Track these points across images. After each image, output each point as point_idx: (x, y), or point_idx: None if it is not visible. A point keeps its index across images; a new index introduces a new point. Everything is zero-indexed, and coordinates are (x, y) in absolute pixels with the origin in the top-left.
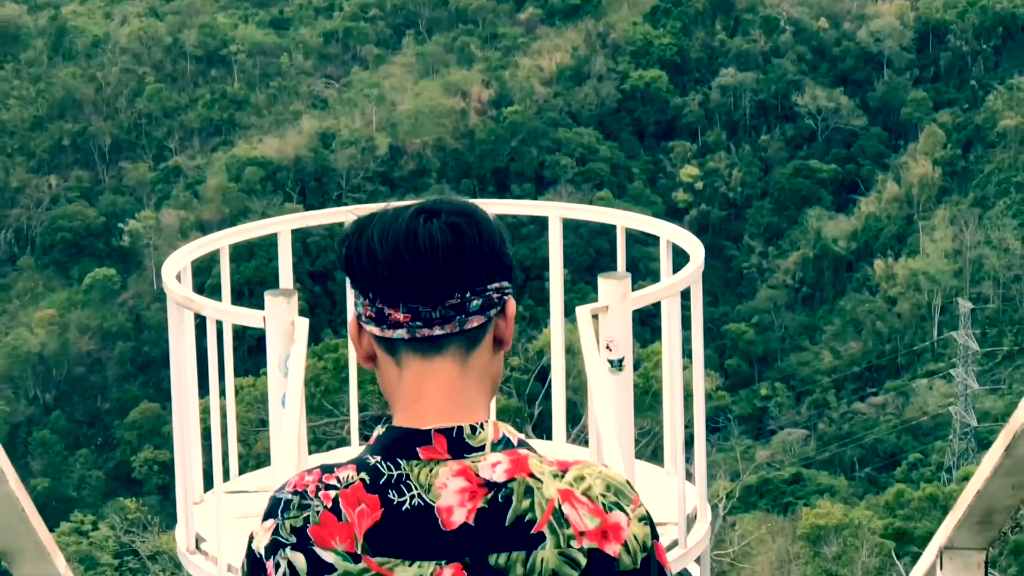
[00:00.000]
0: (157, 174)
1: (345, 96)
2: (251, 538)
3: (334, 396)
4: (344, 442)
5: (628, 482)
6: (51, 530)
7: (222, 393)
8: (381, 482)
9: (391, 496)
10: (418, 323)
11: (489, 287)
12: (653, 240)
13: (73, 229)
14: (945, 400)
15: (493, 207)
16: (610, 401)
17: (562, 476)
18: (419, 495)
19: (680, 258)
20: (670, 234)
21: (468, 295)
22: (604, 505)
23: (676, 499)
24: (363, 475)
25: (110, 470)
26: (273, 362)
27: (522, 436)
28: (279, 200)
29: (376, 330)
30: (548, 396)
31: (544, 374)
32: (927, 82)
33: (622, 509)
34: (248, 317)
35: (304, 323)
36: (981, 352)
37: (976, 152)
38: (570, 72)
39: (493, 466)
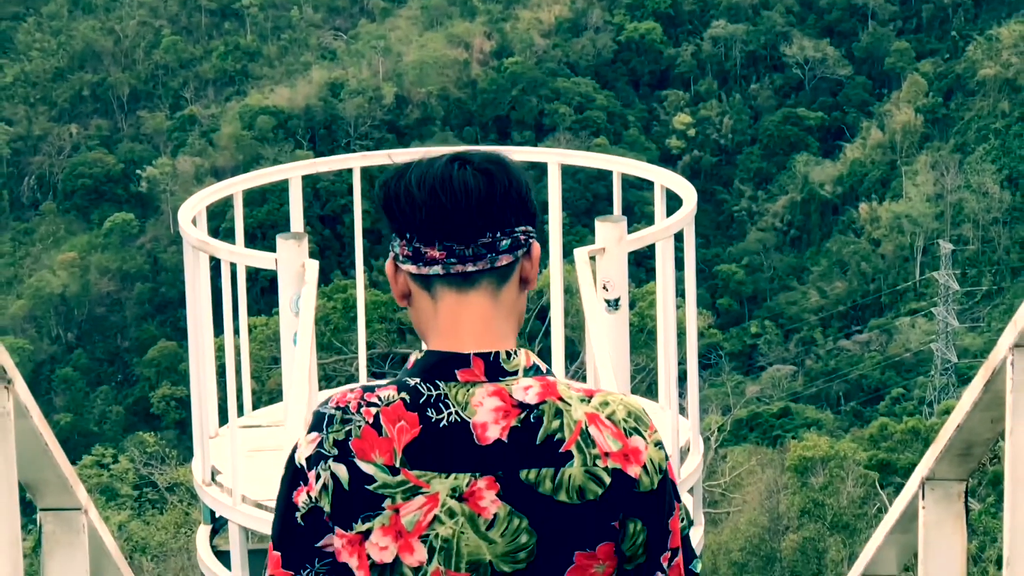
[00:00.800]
0: (173, 123)
1: (353, 48)
2: (294, 449)
3: (343, 334)
4: (353, 378)
5: (644, 410)
6: (73, 463)
7: (236, 332)
8: (420, 401)
9: (429, 414)
10: (452, 260)
11: (517, 229)
12: (648, 185)
13: (93, 175)
14: (927, 337)
15: None
16: (607, 339)
17: (588, 401)
18: (456, 412)
19: (673, 202)
20: (664, 179)
21: (498, 235)
22: (625, 430)
23: (670, 432)
24: (403, 395)
25: (129, 406)
26: (285, 302)
27: (548, 367)
28: (290, 147)
29: (413, 268)
30: (548, 334)
31: (544, 313)
32: (910, 33)
33: (640, 434)
34: (261, 259)
35: (314, 265)
36: (961, 291)
37: (956, 100)
38: (568, 24)
39: (525, 389)
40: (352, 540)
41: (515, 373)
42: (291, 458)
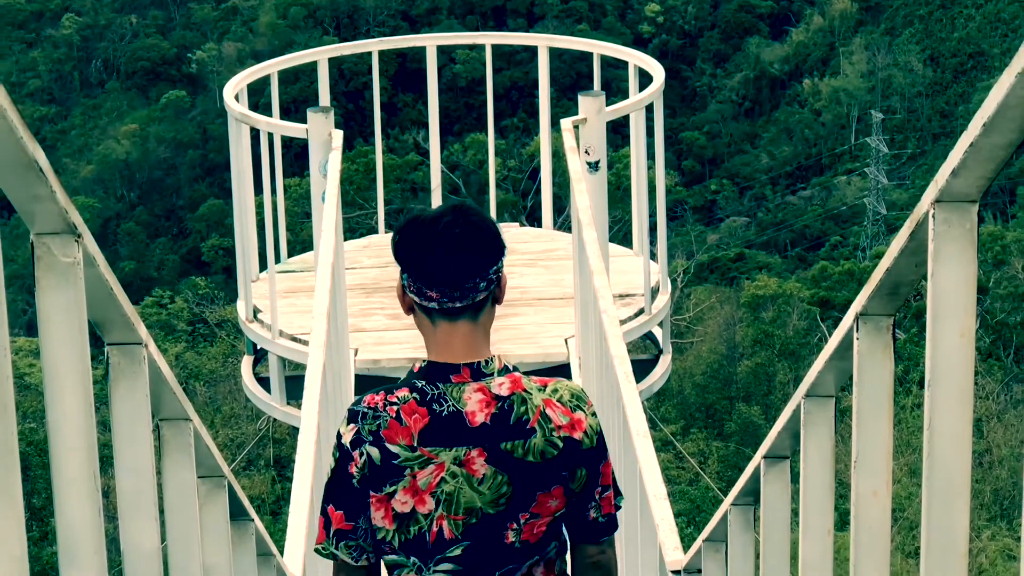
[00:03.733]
0: (219, 13)
1: None
2: (339, 435)
3: (364, 193)
4: (373, 230)
5: (583, 390)
6: (136, 304)
7: (273, 191)
8: (427, 399)
9: (435, 407)
10: (445, 300)
11: (491, 272)
12: (623, 64)
13: (151, 59)
14: (860, 193)
15: (494, 39)
16: (588, 195)
17: (543, 389)
18: (452, 405)
19: (645, 79)
20: (637, 60)
21: (478, 280)
22: (571, 407)
23: (642, 275)
24: (415, 395)
25: (183, 254)
26: (314, 166)
27: (512, 364)
28: (319, 34)
29: (416, 299)
30: (539, 191)
31: (535, 174)
32: None
33: (582, 409)
34: (294, 130)
35: (339, 134)
36: (890, 154)
37: None
38: None
39: (499, 385)
40: (380, 499)
41: (492, 374)
42: (339, 443)
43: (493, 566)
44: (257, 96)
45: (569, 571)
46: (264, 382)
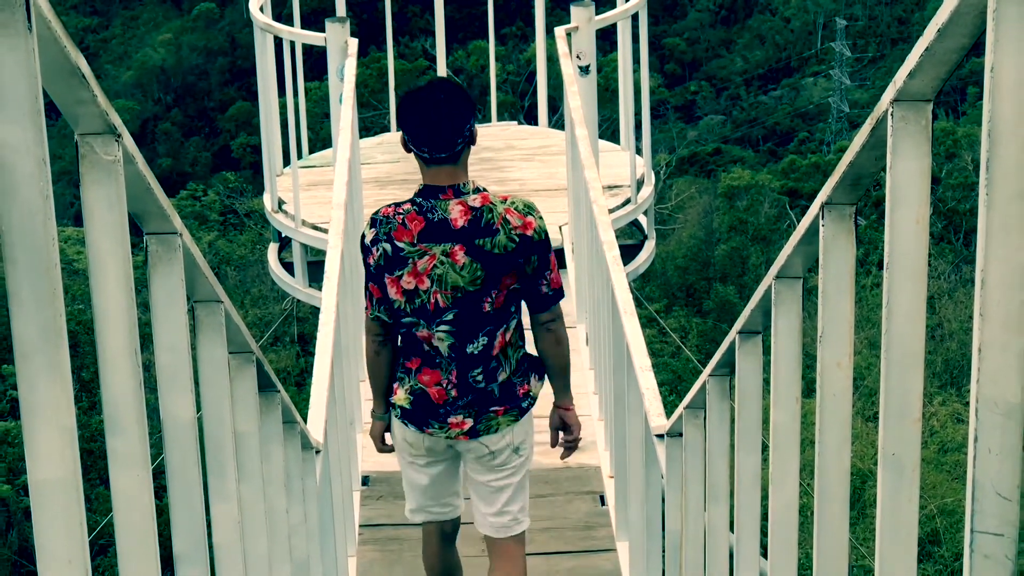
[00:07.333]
0: None
1: None
2: (363, 236)
3: (378, 95)
4: (386, 129)
5: (534, 203)
6: (172, 197)
7: (295, 94)
8: (423, 210)
9: (429, 216)
10: (433, 152)
11: (464, 131)
12: None
13: None
14: (826, 93)
15: None
16: (580, 96)
17: (504, 202)
18: (441, 214)
19: None
20: None
21: (455, 138)
22: (523, 213)
23: (629, 168)
24: (414, 207)
25: (215, 152)
26: (332, 71)
27: (483, 186)
28: None
29: (413, 149)
30: (535, 93)
31: (532, 77)
32: None
33: (532, 215)
34: (313, 38)
35: (354, 42)
36: (852, 57)
37: None
38: None
39: (473, 200)
40: (393, 280)
41: (468, 193)
42: (363, 243)
43: (476, 328)
44: (280, 7)
45: (528, 343)
46: (288, 267)
